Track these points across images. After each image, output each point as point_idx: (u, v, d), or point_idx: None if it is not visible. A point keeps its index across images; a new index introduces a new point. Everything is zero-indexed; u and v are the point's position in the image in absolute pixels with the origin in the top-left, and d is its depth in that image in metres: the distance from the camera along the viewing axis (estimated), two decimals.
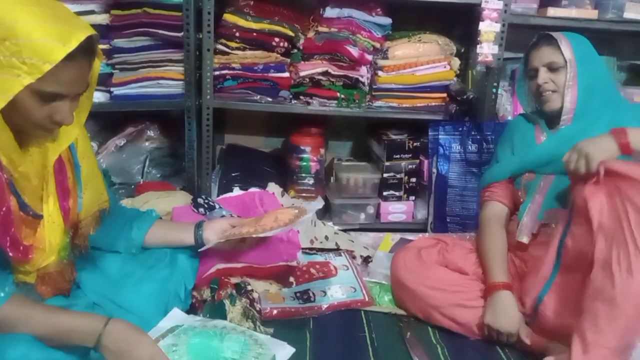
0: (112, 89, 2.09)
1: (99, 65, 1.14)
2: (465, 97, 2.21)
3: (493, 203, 1.74)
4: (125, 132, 2.27)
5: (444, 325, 1.60)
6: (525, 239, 1.62)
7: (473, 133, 2.26)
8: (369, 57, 2.21)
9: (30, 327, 1.04)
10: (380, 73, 2.23)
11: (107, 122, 2.29)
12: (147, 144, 2.29)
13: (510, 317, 1.50)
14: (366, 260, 1.98)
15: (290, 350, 1.36)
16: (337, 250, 1.99)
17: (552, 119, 1.68)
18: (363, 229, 2.30)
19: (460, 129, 2.27)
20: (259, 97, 2.18)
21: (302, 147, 2.32)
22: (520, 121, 1.79)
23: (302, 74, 2.18)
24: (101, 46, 2.05)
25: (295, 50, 2.21)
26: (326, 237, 2.08)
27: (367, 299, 1.72)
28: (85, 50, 1.02)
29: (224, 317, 1.43)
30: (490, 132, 2.25)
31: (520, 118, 1.81)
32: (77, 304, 1.25)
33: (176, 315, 1.36)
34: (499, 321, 1.50)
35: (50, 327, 1.06)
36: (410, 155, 2.34)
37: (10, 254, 1.09)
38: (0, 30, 0.96)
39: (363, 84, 2.23)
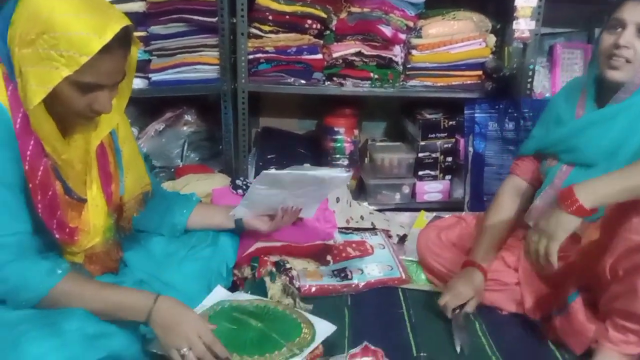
0: (150, 75, 2.14)
1: (136, 53, 1.16)
2: (501, 74, 2.18)
3: (512, 177, 1.66)
4: (164, 117, 2.33)
5: None
6: (531, 223, 1.49)
7: (510, 111, 2.22)
8: (403, 37, 2.20)
9: (84, 303, 1.09)
10: (414, 52, 2.21)
11: (146, 108, 2.35)
12: (185, 128, 2.34)
13: (470, 288, 1.50)
14: (402, 239, 1.99)
15: (331, 328, 1.36)
16: (373, 229, 2.01)
17: (605, 92, 1.43)
18: (398, 208, 2.31)
19: (497, 107, 2.23)
20: (292, 79, 2.19)
21: (336, 129, 2.34)
22: (563, 91, 1.61)
23: (335, 55, 2.18)
24: (138, 33, 2.12)
25: (328, 32, 2.21)
26: (361, 217, 2.09)
27: (404, 276, 1.74)
28: (121, 41, 1.05)
29: (265, 294, 1.47)
30: (527, 110, 2.21)
31: (566, 87, 1.62)
32: (126, 282, 1.30)
33: (219, 293, 1.41)
34: (460, 287, 1.50)
35: (103, 303, 1.11)
36: (445, 135, 2.33)
37: (57, 236, 1.15)
38: (38, 24, 1.00)
39: (397, 63, 2.21)
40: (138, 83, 2.14)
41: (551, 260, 1.24)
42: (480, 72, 2.26)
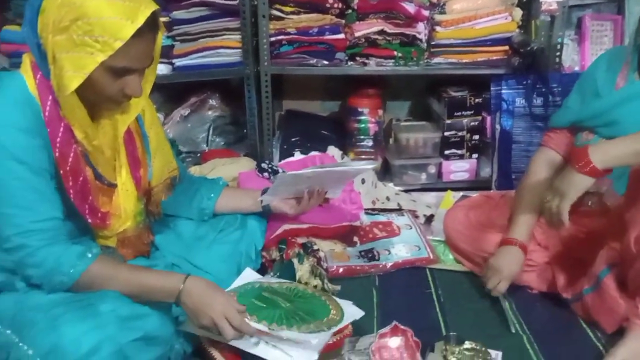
0: (174, 61, 2.15)
1: (161, 38, 1.17)
2: (528, 48, 2.13)
3: (545, 150, 1.58)
4: (189, 102, 2.34)
5: None
6: None
7: (538, 86, 2.17)
8: (426, 13, 2.15)
9: (116, 285, 1.12)
10: (438, 29, 2.17)
11: (171, 94, 2.36)
12: (210, 112, 2.36)
13: (513, 266, 1.47)
14: (429, 219, 1.98)
15: (359, 313, 1.35)
16: (399, 210, 2.00)
17: None
18: (425, 189, 2.29)
19: (524, 82, 2.18)
20: (315, 60, 2.18)
21: (359, 109, 2.32)
22: (604, 60, 1.51)
23: (357, 34, 2.15)
24: (161, 19, 2.12)
25: (350, 11, 2.18)
26: (387, 198, 2.09)
27: (431, 256, 1.73)
28: (151, 25, 1.06)
29: (293, 275, 1.48)
30: (556, 85, 2.16)
31: (607, 55, 1.53)
32: (157, 265, 1.33)
33: (248, 275, 1.42)
34: (501, 263, 1.48)
35: (134, 285, 1.13)
36: (472, 112, 2.29)
37: (90, 220, 1.18)
38: (72, 11, 1.01)
39: (420, 40, 2.17)
40: (162, 69, 2.15)
41: (562, 219, 1.26)
42: (506, 47, 2.20)
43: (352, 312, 1.34)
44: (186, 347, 1.28)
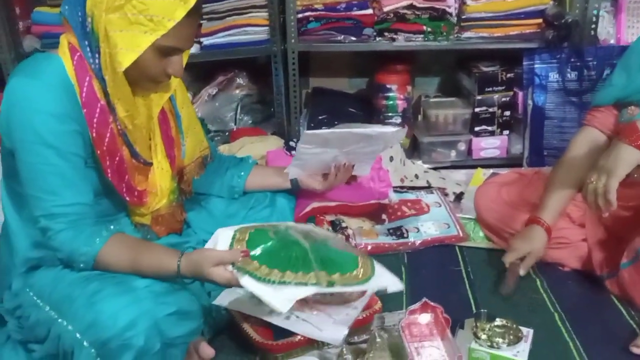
0: (202, 39, 2.16)
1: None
2: (563, 21, 2.06)
3: (588, 129, 1.51)
4: (217, 81, 2.36)
5: None
6: None
7: (572, 60, 2.11)
8: None
9: (124, 270, 1.11)
10: (468, 2, 2.12)
11: (199, 73, 2.38)
12: (237, 91, 2.37)
13: (535, 246, 1.46)
14: (459, 197, 1.96)
15: (397, 285, 1.31)
16: (428, 188, 1.99)
17: None
18: (454, 166, 2.27)
19: (558, 56, 2.13)
20: (342, 37, 2.16)
21: (388, 86, 2.29)
22: None
23: (385, 9, 2.12)
24: None
25: None
26: (416, 176, 2.08)
27: (461, 234, 1.72)
28: (198, 7, 1.08)
29: None
30: (591, 58, 2.10)
31: None
32: (189, 242, 1.36)
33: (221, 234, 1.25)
34: (518, 244, 1.47)
35: (138, 271, 1.11)
36: (503, 88, 2.24)
37: (127, 199, 1.20)
38: None
39: (450, 14, 2.13)
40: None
41: (609, 198, 1.21)
42: (539, 20, 2.14)
43: (388, 280, 1.29)
44: (219, 321, 1.31)
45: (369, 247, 1.66)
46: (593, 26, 2.10)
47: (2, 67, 2.23)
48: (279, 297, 1.11)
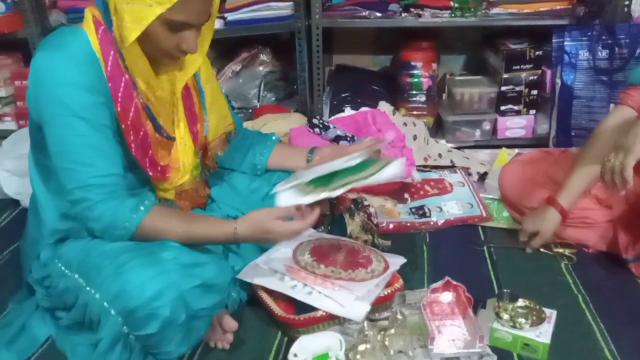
0: (226, 15, 2.14)
1: None
2: None
3: (621, 107, 1.46)
4: (240, 57, 2.35)
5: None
6: None
7: (603, 37, 2.05)
8: None
9: (172, 236, 1.15)
10: None
11: (222, 49, 2.37)
12: (261, 68, 2.36)
13: (544, 226, 1.49)
14: (483, 177, 1.94)
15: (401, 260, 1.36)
16: (452, 167, 1.97)
17: None
18: (478, 146, 2.24)
19: (589, 33, 2.06)
20: (367, 12, 2.12)
21: (412, 63, 2.26)
22: None
23: None
24: None
25: None
26: (439, 155, 2.05)
27: (484, 214, 1.71)
28: None
29: (344, 230, 1.50)
30: (623, 36, 2.02)
31: None
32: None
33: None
34: (535, 224, 1.49)
35: (189, 236, 1.16)
36: (531, 66, 2.18)
37: (150, 173, 1.20)
38: None
39: None
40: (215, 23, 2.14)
41: (625, 175, 1.19)
42: None
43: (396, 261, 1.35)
44: (242, 295, 1.33)
45: (391, 226, 1.65)
46: (627, 2, 2.02)
47: (29, 41, 2.25)
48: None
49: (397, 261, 1.36)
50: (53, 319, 1.24)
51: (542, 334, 1.19)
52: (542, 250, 1.55)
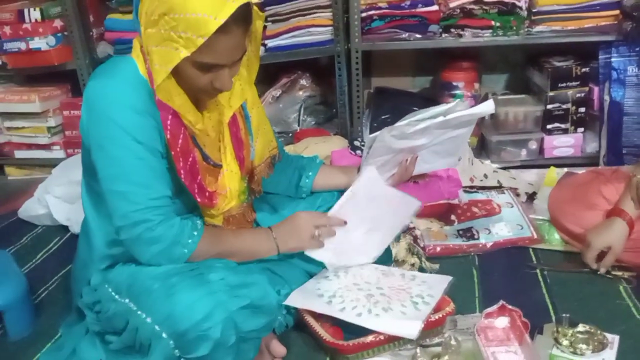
0: (266, 42, 2.18)
1: (261, 25, 1.16)
2: None
3: None
4: (280, 82, 2.38)
5: None
6: None
7: None
8: None
9: (224, 251, 1.19)
10: None
11: (263, 75, 2.37)
12: (300, 93, 2.38)
13: (613, 239, 1.41)
14: (531, 197, 1.88)
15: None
16: (499, 187, 1.92)
17: None
18: (525, 166, 2.18)
19: (637, 49, 2.01)
20: (407, 34, 2.12)
21: (454, 83, 2.24)
22: None
23: (452, 5, 2.07)
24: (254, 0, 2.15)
25: None
26: (485, 176, 2.01)
27: (535, 236, 1.65)
28: (239, 19, 1.03)
29: (389, 253, 1.47)
30: None
31: None
32: None
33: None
34: (604, 238, 1.41)
35: (240, 240, 1.24)
36: (577, 83, 2.13)
37: (199, 199, 1.20)
38: (161, 4, 1.02)
39: (520, 8, 2.05)
40: None
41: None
42: (616, 12, 2.03)
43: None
44: (288, 320, 1.31)
45: (438, 249, 1.61)
46: None
47: (77, 72, 2.34)
48: None
49: (444, 279, 1.33)
50: (103, 343, 1.24)
51: None
52: (599, 273, 1.48)
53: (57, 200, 1.94)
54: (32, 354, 1.33)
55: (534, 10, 2.07)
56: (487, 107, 1.33)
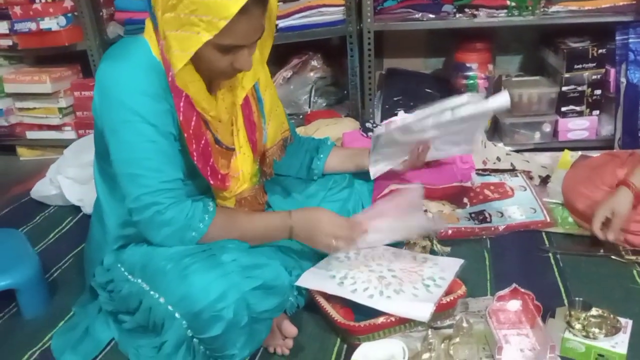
0: (277, 22, 2.15)
1: (276, 5, 1.15)
2: None
3: None
4: (291, 64, 2.36)
5: None
6: None
7: None
8: None
9: (237, 233, 1.19)
10: None
11: (273, 56, 2.34)
12: (311, 74, 2.36)
13: (621, 203, 1.41)
14: (545, 180, 1.86)
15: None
16: (512, 170, 1.90)
17: None
18: (538, 148, 2.15)
19: None
20: (420, 14, 2.09)
21: (468, 65, 2.20)
22: None
23: None
24: None
25: None
26: (498, 158, 1.99)
27: (548, 219, 1.63)
28: (257, 0, 1.03)
29: None
30: None
31: None
32: None
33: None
34: (608, 204, 1.41)
35: (254, 230, 1.22)
36: (594, 65, 2.09)
37: (211, 182, 1.21)
38: None
39: None
40: None
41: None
42: None
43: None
44: (299, 301, 1.31)
45: (450, 232, 1.60)
46: None
47: (87, 53, 2.33)
48: None
49: (456, 262, 1.33)
50: (116, 322, 1.26)
51: (618, 345, 1.11)
52: (613, 257, 1.47)
53: (69, 181, 1.95)
54: (45, 333, 1.35)
55: None
56: (502, 102, 1.27)
